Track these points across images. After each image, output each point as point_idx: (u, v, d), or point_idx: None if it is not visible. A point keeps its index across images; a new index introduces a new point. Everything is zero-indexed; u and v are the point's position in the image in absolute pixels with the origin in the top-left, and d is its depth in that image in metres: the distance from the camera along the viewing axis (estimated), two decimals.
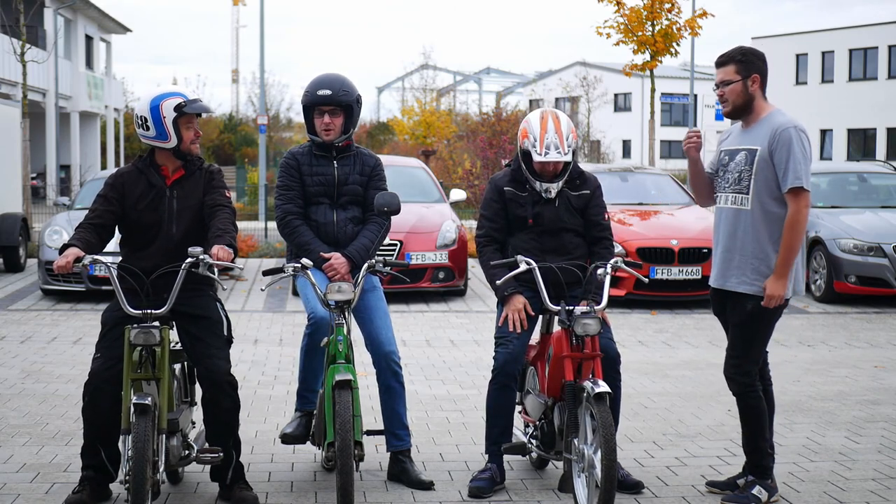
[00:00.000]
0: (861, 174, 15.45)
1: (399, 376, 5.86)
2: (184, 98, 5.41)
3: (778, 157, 5.41)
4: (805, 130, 5.48)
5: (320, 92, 5.88)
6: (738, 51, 5.57)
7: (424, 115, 39.43)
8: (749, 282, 5.51)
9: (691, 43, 32.00)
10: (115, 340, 5.23)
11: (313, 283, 5.47)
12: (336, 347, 5.36)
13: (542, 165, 5.71)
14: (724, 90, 5.55)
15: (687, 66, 45.79)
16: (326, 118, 5.91)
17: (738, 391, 5.58)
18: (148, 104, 5.37)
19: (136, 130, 5.53)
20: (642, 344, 10.50)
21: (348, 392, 5.14)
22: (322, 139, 5.94)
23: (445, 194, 15.13)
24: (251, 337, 10.64)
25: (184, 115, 5.39)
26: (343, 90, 5.91)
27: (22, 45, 20.28)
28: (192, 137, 5.45)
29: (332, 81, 5.93)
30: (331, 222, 5.92)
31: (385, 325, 5.87)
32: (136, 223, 5.44)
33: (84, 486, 5.36)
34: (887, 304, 13.18)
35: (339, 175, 5.96)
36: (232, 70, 75.14)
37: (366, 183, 6.00)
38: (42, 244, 13.53)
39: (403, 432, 5.92)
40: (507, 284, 5.67)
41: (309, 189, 5.94)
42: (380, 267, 5.53)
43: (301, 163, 5.97)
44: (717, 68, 5.59)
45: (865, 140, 50.05)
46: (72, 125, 41.43)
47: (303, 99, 5.98)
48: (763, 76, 5.55)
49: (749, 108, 5.55)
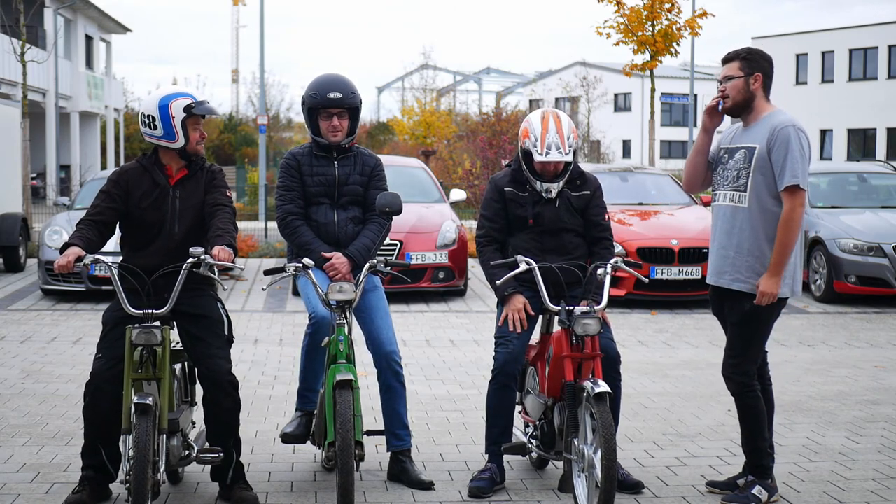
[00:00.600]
0: (861, 174, 15.45)
1: (400, 376, 5.86)
2: (193, 99, 5.41)
3: (776, 155, 5.41)
4: (804, 130, 5.48)
5: (331, 95, 5.84)
6: (745, 49, 5.61)
7: (424, 115, 39.43)
8: (743, 279, 5.51)
9: (691, 43, 32.05)
10: (115, 340, 5.23)
11: (314, 282, 5.46)
12: (337, 347, 5.36)
13: (543, 165, 5.71)
14: (726, 86, 5.56)
15: (687, 66, 45.82)
16: (335, 120, 5.88)
17: (736, 391, 5.59)
18: (157, 103, 5.36)
19: (140, 129, 5.51)
20: (642, 344, 10.49)
21: (349, 392, 5.14)
22: (328, 141, 5.91)
23: (445, 194, 15.13)
24: (251, 337, 10.64)
25: (192, 116, 5.39)
26: (351, 92, 5.89)
27: (22, 45, 20.28)
28: (198, 138, 5.46)
29: (340, 84, 5.89)
30: (331, 222, 5.91)
31: (386, 325, 5.87)
32: (139, 221, 5.43)
33: (84, 486, 5.36)
34: (887, 304, 13.18)
35: (340, 175, 5.94)
36: (232, 70, 75.20)
37: (366, 183, 5.99)
38: (42, 244, 13.53)
39: (404, 432, 5.92)
40: (507, 284, 5.67)
41: (309, 189, 5.93)
42: (381, 267, 5.53)
43: (301, 163, 5.96)
44: (723, 65, 5.63)
45: (865, 140, 50.06)
46: (72, 125, 41.43)
47: (308, 101, 5.91)
48: (767, 76, 5.55)
49: (749, 106, 5.55)
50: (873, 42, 49.35)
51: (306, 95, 5.92)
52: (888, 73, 49.08)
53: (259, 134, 33.46)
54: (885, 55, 49.03)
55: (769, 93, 5.60)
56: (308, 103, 5.92)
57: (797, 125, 5.45)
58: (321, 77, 5.98)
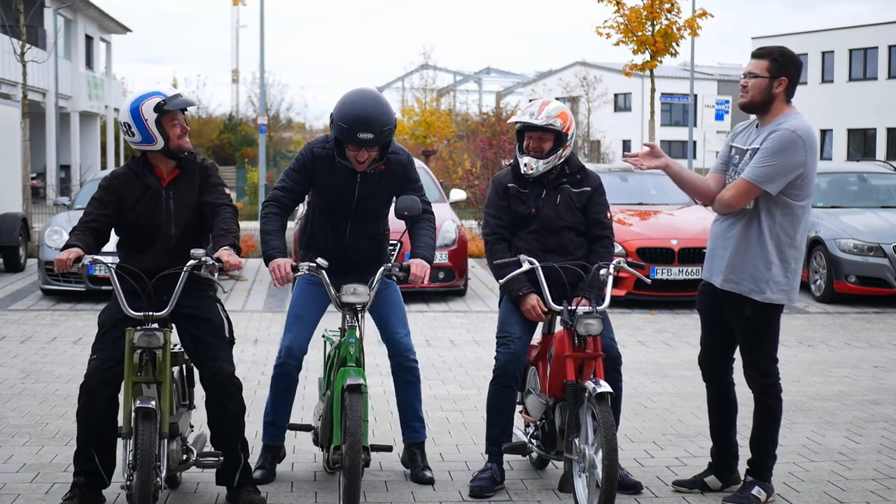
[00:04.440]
0: (861, 174, 15.46)
1: (415, 371, 5.89)
2: (162, 96, 5.25)
3: (761, 150, 5.39)
4: (806, 138, 5.34)
5: (361, 135, 5.30)
6: (778, 51, 5.48)
7: (424, 115, 39.42)
8: (736, 280, 5.49)
9: (691, 43, 31.98)
10: (112, 342, 5.17)
11: (327, 282, 5.33)
12: (347, 350, 5.28)
13: (532, 141, 5.76)
14: (748, 81, 5.47)
15: (687, 66, 45.75)
16: (363, 154, 5.45)
17: (759, 391, 5.57)
18: (128, 109, 5.25)
19: (123, 138, 5.44)
20: (642, 344, 10.49)
21: (359, 396, 5.10)
22: (353, 168, 5.53)
23: (445, 194, 15.14)
24: (251, 337, 10.64)
25: (165, 114, 5.25)
26: (385, 129, 5.34)
27: (22, 45, 20.29)
28: (179, 133, 5.30)
29: (374, 121, 5.30)
30: (342, 235, 5.71)
31: (401, 321, 5.86)
32: (133, 226, 5.36)
33: (75, 492, 5.26)
34: (887, 304, 13.18)
35: (360, 193, 5.61)
36: (232, 70, 75.13)
37: (398, 190, 5.68)
38: (42, 244, 13.53)
39: (418, 424, 5.97)
40: (520, 284, 5.68)
41: (322, 198, 5.67)
42: (396, 271, 5.41)
43: (318, 167, 5.60)
44: (752, 59, 5.49)
45: (865, 140, 50.06)
46: (72, 125, 41.43)
47: (337, 132, 5.40)
48: (792, 82, 5.46)
49: (767, 107, 5.46)
50: (873, 42, 49.35)
51: (336, 121, 5.39)
52: (888, 73, 49.08)
53: (259, 134, 33.41)
54: (885, 55, 49.03)
55: (792, 96, 5.49)
56: (335, 132, 5.44)
57: (799, 132, 5.35)
58: (355, 104, 5.37)
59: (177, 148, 5.33)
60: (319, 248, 5.75)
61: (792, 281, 5.50)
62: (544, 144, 5.76)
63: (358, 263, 5.74)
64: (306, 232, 5.91)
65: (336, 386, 5.27)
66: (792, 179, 5.36)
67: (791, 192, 5.40)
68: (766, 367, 5.56)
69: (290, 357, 5.73)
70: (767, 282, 5.44)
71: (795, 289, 5.55)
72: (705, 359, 5.80)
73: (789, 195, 5.41)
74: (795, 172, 5.34)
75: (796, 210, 5.44)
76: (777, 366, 5.60)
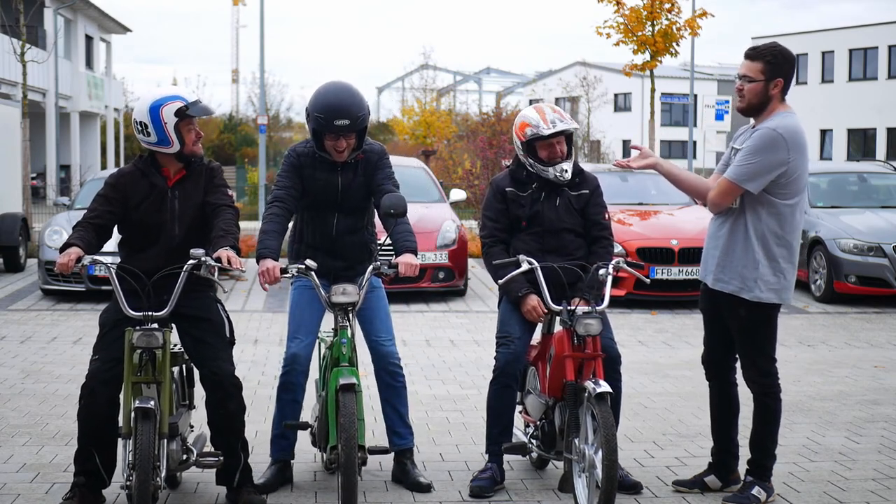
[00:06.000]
0: (861, 174, 15.46)
1: (398, 376, 5.84)
2: (184, 101, 5.26)
3: (742, 149, 5.38)
4: (787, 136, 5.30)
5: (338, 122, 5.45)
6: (771, 50, 5.40)
7: (424, 115, 39.42)
8: (726, 280, 5.48)
9: (691, 43, 31.97)
10: (113, 342, 5.17)
11: (317, 283, 5.35)
12: (339, 350, 5.29)
13: (551, 148, 5.74)
14: (744, 85, 5.42)
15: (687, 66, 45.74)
16: (342, 142, 5.57)
17: (758, 391, 5.57)
18: (147, 109, 5.22)
19: (135, 135, 5.41)
20: (642, 344, 10.49)
21: (353, 395, 5.10)
22: (333, 159, 5.64)
23: (445, 194, 15.14)
24: (251, 337, 10.64)
25: (184, 119, 5.27)
26: (360, 115, 5.50)
27: (22, 45, 20.28)
28: (194, 139, 5.34)
29: (348, 108, 5.46)
30: (330, 227, 5.76)
31: (385, 326, 5.83)
32: (138, 224, 5.37)
33: (75, 492, 5.27)
34: (887, 304, 13.18)
35: (343, 182, 5.71)
36: (232, 70, 75.15)
37: (372, 177, 5.71)
38: (42, 244, 13.53)
39: (405, 430, 5.91)
40: (519, 285, 5.68)
41: (310, 193, 5.74)
42: (385, 269, 5.42)
43: (303, 165, 5.73)
44: (745, 60, 5.42)
45: (865, 140, 50.06)
46: (72, 125, 41.43)
47: (313, 123, 5.53)
48: (787, 81, 5.42)
49: (763, 108, 5.44)
50: (873, 42, 49.35)
51: (311, 113, 5.56)
52: (888, 73, 49.08)
53: (259, 134, 33.41)
54: (885, 55, 49.03)
55: (787, 93, 5.46)
56: (312, 124, 5.57)
57: (780, 129, 5.30)
58: (328, 94, 5.55)
59: (190, 153, 5.36)
60: (308, 247, 5.78)
61: (783, 280, 5.46)
62: (561, 147, 5.77)
63: (347, 261, 5.76)
64: (296, 239, 5.91)
65: (330, 386, 5.27)
66: (775, 178, 5.33)
67: (776, 191, 5.36)
68: (766, 367, 5.56)
69: (296, 364, 5.70)
70: (756, 280, 5.42)
71: (788, 288, 5.49)
72: (708, 358, 5.80)
73: (774, 194, 5.37)
74: (777, 171, 5.31)
75: (782, 209, 5.39)
76: (776, 366, 5.60)
